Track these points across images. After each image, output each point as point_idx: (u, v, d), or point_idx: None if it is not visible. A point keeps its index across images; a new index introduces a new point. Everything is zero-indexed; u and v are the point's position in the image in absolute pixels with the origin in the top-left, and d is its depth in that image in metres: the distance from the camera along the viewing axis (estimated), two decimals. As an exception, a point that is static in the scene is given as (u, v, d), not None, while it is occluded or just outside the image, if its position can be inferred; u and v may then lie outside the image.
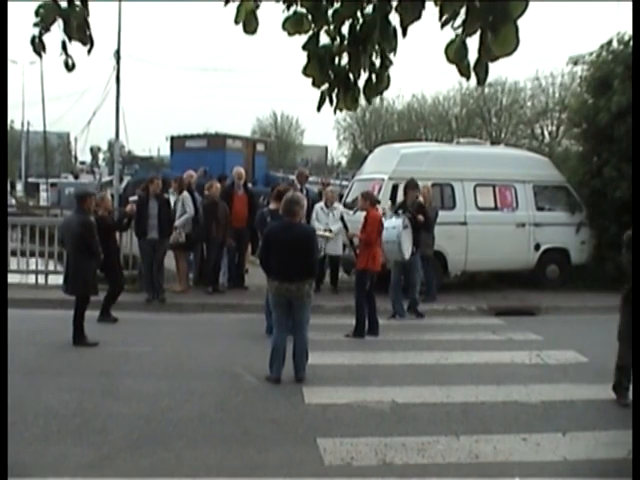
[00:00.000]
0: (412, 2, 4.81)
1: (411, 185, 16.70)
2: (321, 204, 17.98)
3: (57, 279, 16.52)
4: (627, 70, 19.34)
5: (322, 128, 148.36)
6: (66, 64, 5.49)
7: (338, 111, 5.60)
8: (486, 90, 71.42)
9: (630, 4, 24.49)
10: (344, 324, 14.33)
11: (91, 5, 5.28)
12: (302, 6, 5.20)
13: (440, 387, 10.60)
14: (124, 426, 8.60)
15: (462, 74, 4.69)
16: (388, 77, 5.42)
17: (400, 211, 16.20)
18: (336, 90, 5.46)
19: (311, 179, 24.40)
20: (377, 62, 5.38)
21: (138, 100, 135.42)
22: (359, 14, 5.24)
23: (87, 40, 5.39)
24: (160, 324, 15.16)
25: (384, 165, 19.34)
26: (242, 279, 18.91)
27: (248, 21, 5.18)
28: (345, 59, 5.40)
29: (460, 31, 4.56)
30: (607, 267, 19.26)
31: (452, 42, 4.60)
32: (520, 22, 4.23)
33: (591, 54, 21.54)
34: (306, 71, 5.34)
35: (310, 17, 5.20)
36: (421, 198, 16.74)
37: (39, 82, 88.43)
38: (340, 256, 18.47)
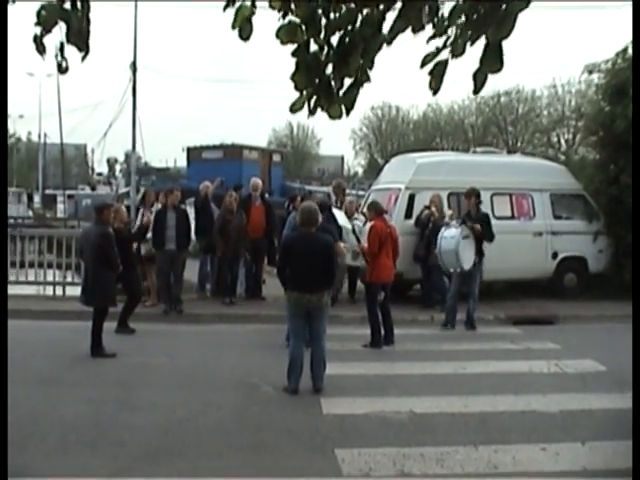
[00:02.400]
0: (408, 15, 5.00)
1: (470, 194, 16.56)
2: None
3: (74, 290, 16.57)
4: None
5: (338, 138, 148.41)
6: (59, 66, 5.54)
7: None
8: (502, 99, 71.62)
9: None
10: (362, 334, 14.29)
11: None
12: (297, 16, 5.30)
13: (458, 397, 10.55)
14: (141, 437, 8.59)
15: (431, 87, 5.01)
16: (358, 90, 5.54)
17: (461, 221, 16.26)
18: (315, 97, 5.53)
19: (323, 189, 24.39)
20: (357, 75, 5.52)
21: (154, 111, 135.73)
22: (349, 26, 5.36)
23: (84, 47, 5.44)
24: (177, 335, 15.17)
25: (401, 175, 19.32)
26: (259, 290, 18.89)
27: (243, 27, 5.30)
28: (330, 69, 5.50)
29: (449, 50, 4.86)
30: (625, 275, 19.18)
31: (440, 62, 5.02)
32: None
33: (607, 62, 21.49)
34: (294, 77, 5.44)
35: (304, 27, 5.31)
36: (435, 210, 16.74)
37: (56, 94, 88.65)
38: (360, 267, 18.44)
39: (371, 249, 14.13)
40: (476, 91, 5.02)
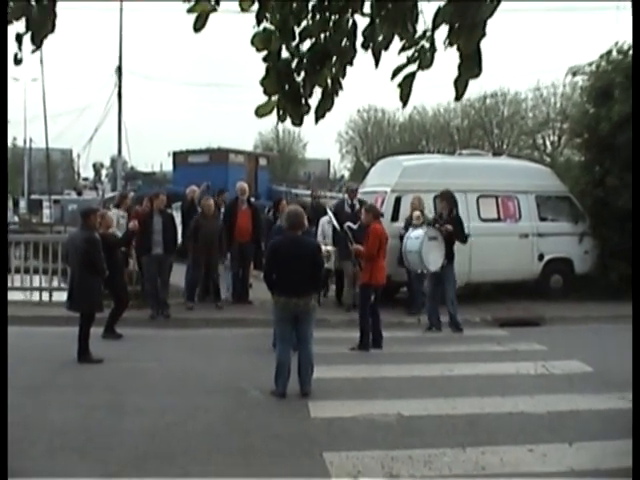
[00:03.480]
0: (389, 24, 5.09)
1: (443, 196, 16.50)
2: (327, 218, 17.86)
3: (61, 296, 16.53)
4: (627, 80, 19.39)
5: (325, 141, 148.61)
6: (15, 57, 5.59)
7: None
8: (488, 101, 71.69)
9: (629, 14, 24.69)
10: (349, 337, 14.30)
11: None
12: (271, 23, 5.36)
13: (446, 399, 10.59)
14: (129, 442, 8.59)
15: (401, 99, 5.10)
16: (332, 100, 5.59)
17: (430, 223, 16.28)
18: (285, 102, 5.57)
19: (302, 192, 24.49)
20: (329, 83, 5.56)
21: (141, 116, 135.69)
22: (322, 34, 5.43)
23: (37, 41, 5.49)
24: (165, 340, 15.15)
25: (387, 178, 19.33)
26: (246, 294, 18.88)
27: (199, 19, 5.36)
28: (301, 76, 5.54)
29: (417, 63, 4.93)
30: (610, 276, 19.28)
31: (409, 75, 5.13)
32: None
33: (591, 64, 21.59)
34: (263, 82, 5.48)
35: (277, 34, 5.36)
36: (420, 212, 16.73)
37: (41, 99, 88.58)
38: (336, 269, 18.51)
39: (370, 251, 14.10)
40: (458, 97, 5.08)
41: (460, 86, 4.97)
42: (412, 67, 5.09)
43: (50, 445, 8.41)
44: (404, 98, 5.16)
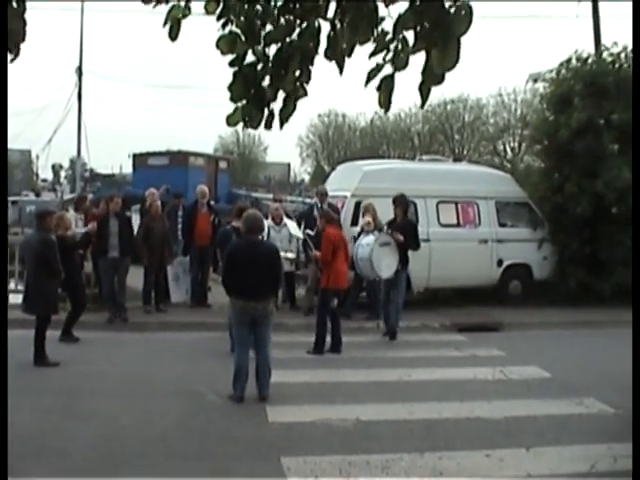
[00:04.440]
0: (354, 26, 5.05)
1: (397, 201, 16.31)
2: (270, 223, 17.90)
3: (17, 298, 16.37)
4: (586, 87, 19.67)
5: (285, 145, 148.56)
6: None
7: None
8: (449, 107, 71.89)
9: (588, 22, 24.99)
10: (307, 342, 14.29)
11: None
12: (237, 26, 5.35)
13: (403, 404, 10.62)
14: (85, 446, 8.54)
15: (381, 105, 5.02)
16: (295, 104, 5.57)
17: (384, 228, 16.23)
18: (250, 108, 5.56)
19: (262, 195, 24.46)
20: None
21: (100, 117, 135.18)
22: (288, 39, 5.41)
23: (14, 48, 5.45)
24: (122, 343, 15.06)
25: (347, 182, 19.35)
26: (205, 297, 18.84)
27: (173, 27, 5.39)
28: (267, 81, 5.53)
29: (390, 64, 4.88)
30: (569, 282, 19.46)
31: (387, 77, 5.01)
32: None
33: (551, 71, 21.76)
34: (231, 88, 5.47)
35: (243, 37, 5.35)
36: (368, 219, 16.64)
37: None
38: (294, 272, 18.51)
39: (325, 256, 14.20)
40: (423, 104, 5.03)
41: (424, 92, 4.92)
42: (387, 69, 5.01)
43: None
44: (385, 102, 5.05)
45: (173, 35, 5.35)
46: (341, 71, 5.31)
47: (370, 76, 5.05)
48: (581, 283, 19.41)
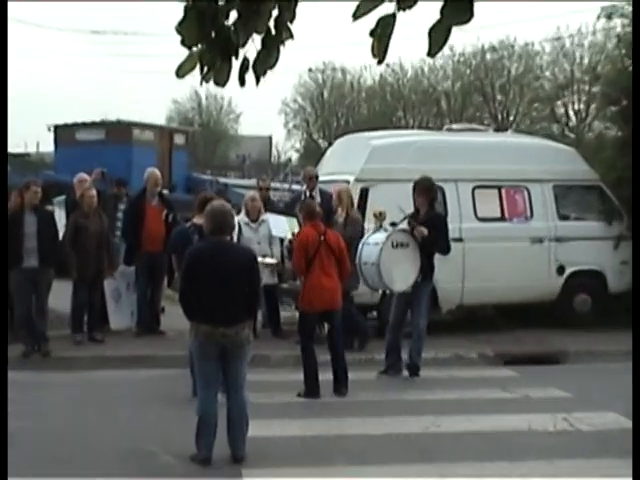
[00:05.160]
0: None
1: (421, 187, 15.90)
2: (245, 218, 18.05)
3: None
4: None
5: (265, 112, 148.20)
6: None
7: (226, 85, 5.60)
8: (488, 57, 71.74)
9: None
10: (297, 381, 14.28)
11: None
12: None
13: (431, 465, 10.61)
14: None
15: (374, 54, 4.90)
16: (278, 51, 5.44)
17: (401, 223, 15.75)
18: (211, 55, 5.45)
19: (235, 181, 24.31)
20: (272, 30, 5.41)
21: (9, 77, 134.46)
22: None
23: None
24: (43, 387, 15.02)
25: (349, 162, 19.36)
26: (157, 322, 18.82)
27: None
28: (232, 19, 5.41)
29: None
30: (657, 295, 19.41)
31: (385, 17, 4.81)
32: None
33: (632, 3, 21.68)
34: (181, 29, 5.35)
35: None
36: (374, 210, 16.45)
37: None
38: (278, 286, 18.45)
39: (295, 265, 14.29)
40: (431, 52, 4.79)
41: (438, 37, 4.69)
42: (389, 6, 4.79)
43: None
44: (379, 51, 4.87)
45: None
46: None
47: (360, 11, 4.83)
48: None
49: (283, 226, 17.60)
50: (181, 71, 5.44)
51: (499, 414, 13.26)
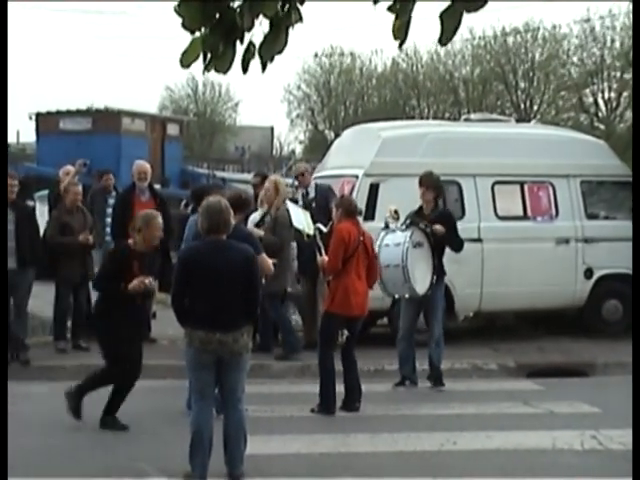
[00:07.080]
0: None
1: (426, 182, 16.03)
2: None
3: None
4: None
5: (266, 101, 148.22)
6: None
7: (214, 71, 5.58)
8: (510, 40, 71.54)
9: None
10: (301, 392, 14.30)
11: None
12: None
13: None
14: None
15: (395, 35, 4.84)
16: (287, 35, 5.43)
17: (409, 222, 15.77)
18: (215, 40, 5.44)
19: (234, 176, 24.29)
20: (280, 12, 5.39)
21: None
22: None
23: None
24: (23, 398, 15.00)
25: (358, 155, 19.35)
26: (147, 328, 18.81)
27: None
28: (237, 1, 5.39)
29: None
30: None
31: None
32: None
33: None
34: (180, 10, 5.32)
35: None
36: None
37: None
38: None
39: (332, 263, 14.12)
40: (443, 40, 4.75)
41: (450, 22, 4.66)
42: None
43: None
44: (400, 31, 4.88)
45: None
46: None
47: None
48: None
49: (300, 218, 17.50)
50: (185, 60, 5.40)
51: (521, 430, 13.24)
